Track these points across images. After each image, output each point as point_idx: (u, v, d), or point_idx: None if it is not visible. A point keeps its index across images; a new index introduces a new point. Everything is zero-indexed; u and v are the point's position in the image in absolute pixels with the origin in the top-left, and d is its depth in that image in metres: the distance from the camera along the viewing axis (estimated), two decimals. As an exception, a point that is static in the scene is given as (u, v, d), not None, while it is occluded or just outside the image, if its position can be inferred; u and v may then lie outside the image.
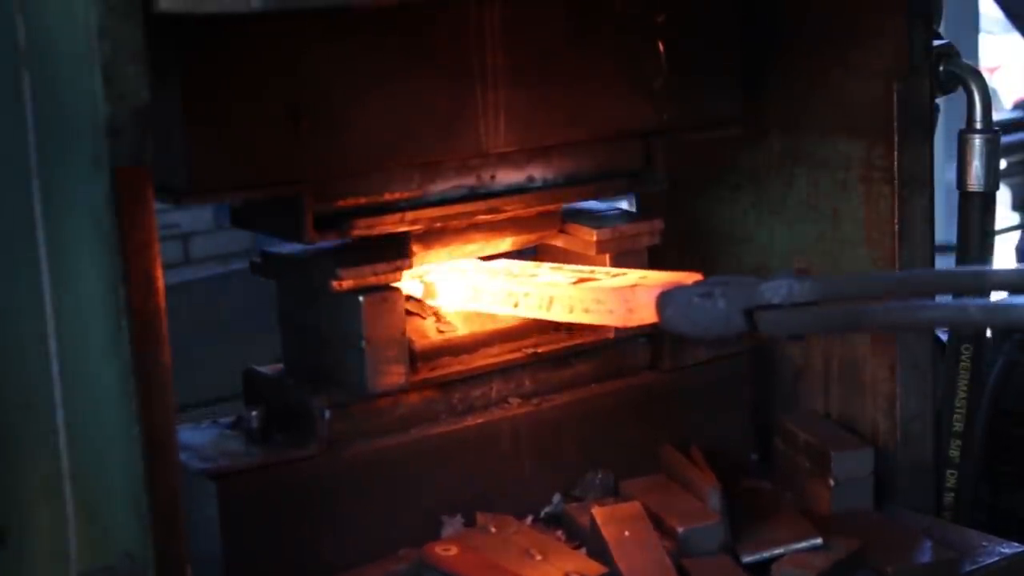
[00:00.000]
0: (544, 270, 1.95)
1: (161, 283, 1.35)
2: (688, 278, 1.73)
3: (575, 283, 1.85)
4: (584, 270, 1.92)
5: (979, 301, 1.42)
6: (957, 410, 2.19)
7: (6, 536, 1.50)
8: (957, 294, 1.69)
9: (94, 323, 1.34)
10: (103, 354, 1.34)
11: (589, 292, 1.80)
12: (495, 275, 1.94)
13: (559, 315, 1.83)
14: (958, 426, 2.19)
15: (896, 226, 2.03)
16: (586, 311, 1.80)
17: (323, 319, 1.85)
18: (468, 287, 1.93)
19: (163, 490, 1.36)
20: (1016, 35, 3.25)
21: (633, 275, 1.85)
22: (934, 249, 2.07)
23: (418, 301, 1.94)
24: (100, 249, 1.32)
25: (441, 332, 1.94)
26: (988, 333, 2.31)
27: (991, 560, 1.89)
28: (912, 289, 1.54)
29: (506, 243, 2.00)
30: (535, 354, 1.99)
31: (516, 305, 1.87)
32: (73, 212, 1.34)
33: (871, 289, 1.54)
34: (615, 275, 1.87)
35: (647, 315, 1.71)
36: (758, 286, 1.51)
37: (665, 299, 1.62)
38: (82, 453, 1.40)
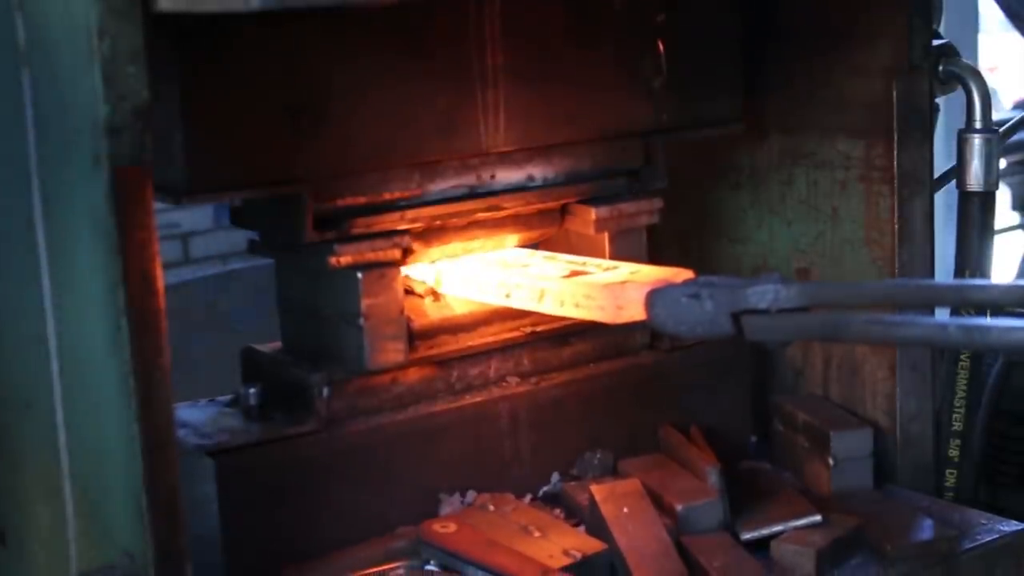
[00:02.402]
0: (538, 260, 1.95)
1: (161, 283, 1.35)
2: (679, 275, 1.74)
3: (567, 276, 1.85)
4: (577, 261, 1.92)
5: (959, 321, 1.42)
6: (956, 410, 2.19)
7: (6, 536, 1.50)
8: (940, 307, 1.69)
9: (94, 323, 1.34)
10: (103, 354, 1.34)
11: (580, 287, 1.81)
12: (488, 264, 1.95)
13: (550, 308, 1.84)
14: (958, 426, 2.19)
15: (896, 226, 2.03)
16: (576, 306, 1.81)
17: (321, 296, 1.85)
18: (460, 275, 1.93)
19: (163, 489, 1.36)
20: (1016, 35, 3.24)
21: (625, 270, 1.85)
22: (934, 249, 2.07)
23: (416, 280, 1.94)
24: (100, 249, 1.32)
25: (439, 310, 1.94)
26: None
27: (991, 538, 1.89)
28: (897, 301, 1.54)
29: (506, 242, 2.00)
30: (534, 333, 1.99)
31: (508, 296, 1.88)
32: (73, 212, 1.35)
33: (857, 298, 1.54)
34: (607, 268, 1.87)
35: (636, 312, 1.71)
36: (745, 289, 1.52)
37: (654, 297, 1.63)
38: (82, 453, 1.40)
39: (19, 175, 1.38)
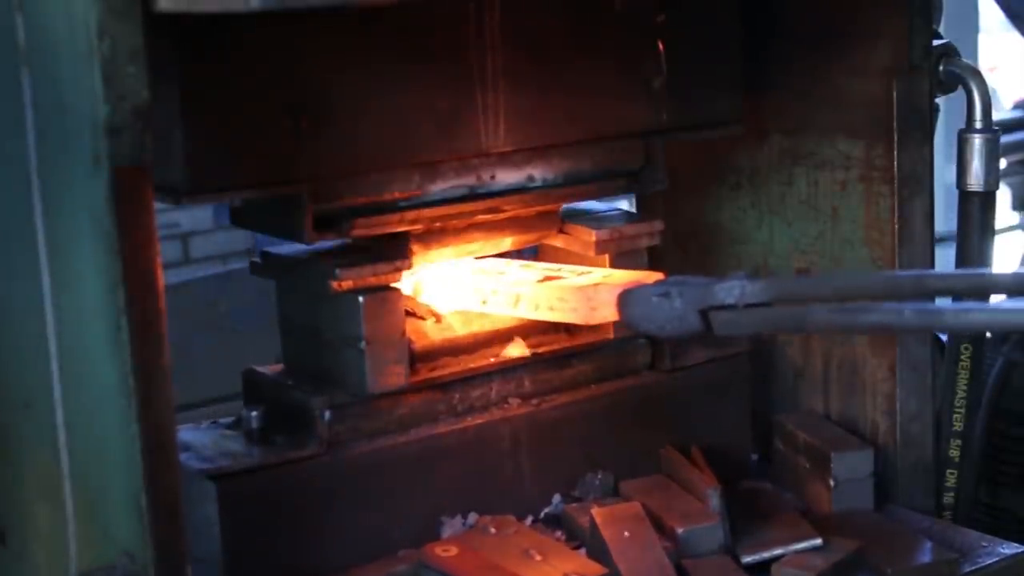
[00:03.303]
0: (514, 267, 1.96)
1: (161, 283, 1.35)
2: (649, 277, 1.77)
3: (541, 281, 1.86)
4: (552, 268, 1.93)
5: (914, 305, 1.45)
6: (957, 410, 2.19)
7: (6, 536, 1.50)
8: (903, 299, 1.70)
9: (94, 323, 1.34)
10: (103, 354, 1.34)
11: (553, 290, 1.83)
12: (465, 272, 1.95)
13: (525, 312, 1.86)
14: (958, 426, 2.19)
15: (895, 226, 2.03)
16: (550, 309, 1.83)
17: (323, 319, 1.85)
18: (438, 283, 1.93)
19: (163, 489, 1.36)
20: (1016, 35, 3.25)
21: (597, 274, 1.87)
22: (934, 248, 2.07)
23: (417, 302, 1.95)
24: (100, 249, 1.32)
25: (440, 332, 1.94)
26: (987, 333, 2.31)
27: (991, 560, 1.88)
28: (857, 293, 1.57)
29: (506, 243, 2.00)
30: (535, 354, 1.99)
31: (484, 302, 1.89)
32: (73, 212, 1.35)
33: (820, 291, 1.58)
34: (581, 274, 1.89)
35: (609, 313, 1.75)
36: (713, 286, 1.57)
37: (625, 298, 1.67)
38: (82, 453, 1.40)
39: (19, 175, 1.38)
